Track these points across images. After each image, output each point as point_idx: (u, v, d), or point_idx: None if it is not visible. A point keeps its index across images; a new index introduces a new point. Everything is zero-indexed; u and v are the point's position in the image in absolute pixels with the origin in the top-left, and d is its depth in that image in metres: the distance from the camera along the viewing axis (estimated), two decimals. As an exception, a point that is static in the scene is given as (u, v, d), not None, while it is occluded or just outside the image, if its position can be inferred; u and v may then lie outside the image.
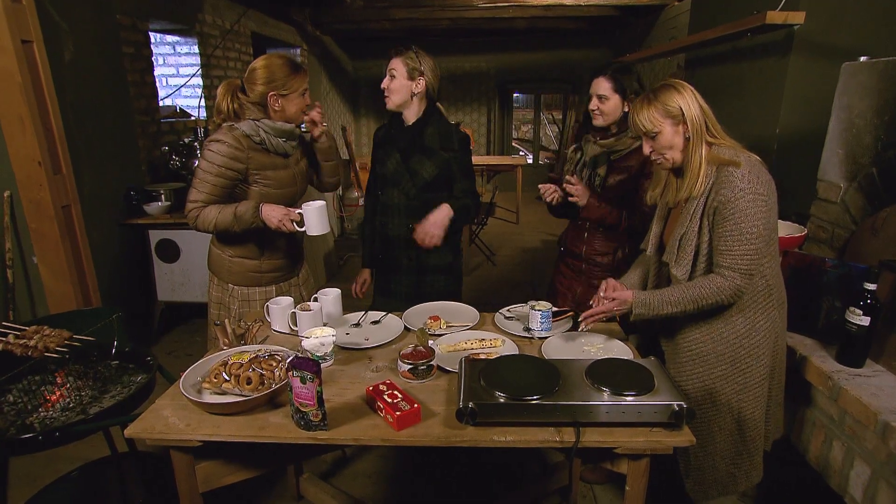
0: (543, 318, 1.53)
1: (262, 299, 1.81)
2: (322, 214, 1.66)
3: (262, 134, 1.65)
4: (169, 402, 1.23)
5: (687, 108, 1.28)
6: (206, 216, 1.64)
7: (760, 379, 1.38)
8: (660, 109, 1.30)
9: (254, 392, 1.21)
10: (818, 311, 1.60)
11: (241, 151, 1.63)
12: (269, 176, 1.70)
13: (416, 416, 1.14)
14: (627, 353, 1.42)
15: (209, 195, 1.64)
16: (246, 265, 1.79)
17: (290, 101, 1.66)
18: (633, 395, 1.11)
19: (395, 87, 1.79)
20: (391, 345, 1.51)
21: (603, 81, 1.73)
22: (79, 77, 2.63)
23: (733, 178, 1.25)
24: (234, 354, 1.30)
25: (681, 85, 1.31)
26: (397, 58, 1.78)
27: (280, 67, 1.62)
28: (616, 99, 1.73)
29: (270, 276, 1.83)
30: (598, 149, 1.82)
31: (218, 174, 1.63)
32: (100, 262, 2.74)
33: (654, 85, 1.40)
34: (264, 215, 1.63)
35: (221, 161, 1.62)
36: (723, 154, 1.29)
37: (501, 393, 1.12)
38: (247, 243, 1.77)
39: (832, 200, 1.76)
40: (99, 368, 1.67)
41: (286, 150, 1.71)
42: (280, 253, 1.82)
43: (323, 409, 1.11)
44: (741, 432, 1.41)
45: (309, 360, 1.09)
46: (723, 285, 1.28)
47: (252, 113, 1.66)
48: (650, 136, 1.34)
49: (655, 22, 5.30)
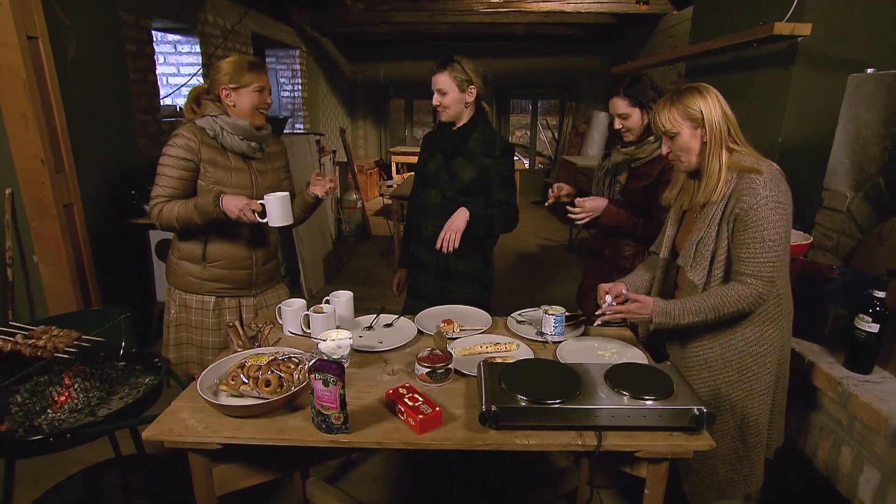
0: (557, 322, 1.54)
1: (198, 307, 1.79)
2: (284, 204, 1.63)
3: (217, 129, 1.66)
4: (185, 405, 1.22)
5: (708, 112, 1.29)
6: (169, 211, 1.63)
7: (766, 386, 1.40)
8: (681, 111, 1.31)
9: (272, 395, 1.20)
10: (825, 318, 1.62)
11: (193, 143, 1.65)
12: (216, 174, 1.67)
13: (438, 419, 1.14)
14: (642, 358, 1.43)
15: (170, 188, 1.65)
16: (187, 268, 1.77)
17: (241, 95, 1.65)
18: (654, 400, 1.12)
19: (448, 102, 1.80)
20: (405, 348, 1.51)
21: (619, 101, 1.77)
22: (82, 74, 2.60)
23: (756, 185, 1.26)
24: (252, 356, 1.29)
25: (705, 89, 1.32)
26: (442, 73, 1.77)
27: (232, 63, 1.65)
28: (636, 113, 1.77)
29: (212, 286, 1.78)
30: (620, 156, 1.86)
31: (174, 166, 1.64)
32: (99, 261, 2.71)
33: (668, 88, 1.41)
34: (224, 206, 1.59)
35: (176, 153, 1.63)
36: (744, 161, 1.30)
37: (523, 396, 1.12)
38: (191, 245, 1.75)
39: (838, 209, 1.79)
40: (106, 369, 1.65)
41: (244, 150, 1.70)
42: (225, 263, 1.77)
43: (345, 412, 1.11)
44: (743, 438, 1.42)
45: (332, 363, 1.09)
46: (744, 293, 1.29)
47: (212, 110, 1.68)
48: (669, 136, 1.35)
49: (653, 30, 5.37)
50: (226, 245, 1.76)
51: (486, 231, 1.86)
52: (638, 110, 1.76)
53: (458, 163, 1.84)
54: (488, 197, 1.87)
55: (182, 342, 1.86)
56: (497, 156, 1.84)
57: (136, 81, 3.12)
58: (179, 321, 1.83)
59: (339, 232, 5.82)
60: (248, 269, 1.81)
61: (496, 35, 7.19)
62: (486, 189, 1.86)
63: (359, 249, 5.60)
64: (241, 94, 1.66)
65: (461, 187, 1.84)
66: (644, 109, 1.76)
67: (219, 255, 1.76)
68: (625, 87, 1.76)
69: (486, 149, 1.83)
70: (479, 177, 1.83)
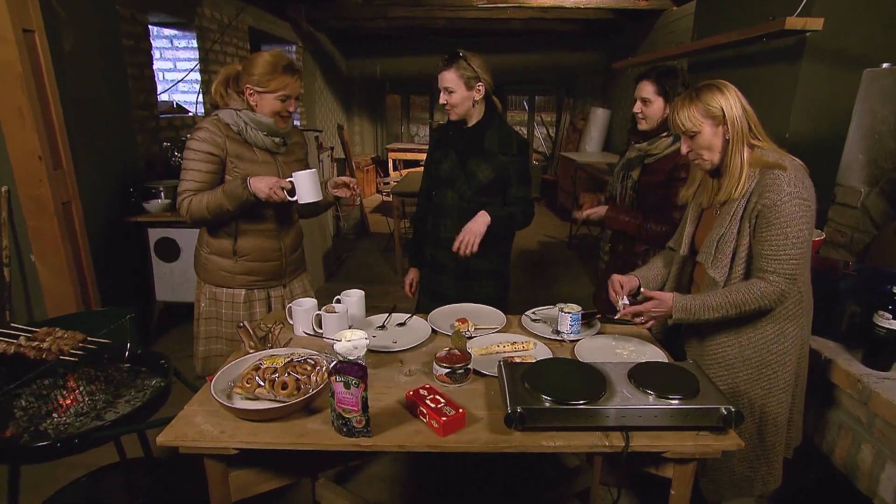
0: (573, 320, 1.52)
1: (228, 300, 1.78)
2: (314, 181, 1.61)
3: (240, 124, 1.63)
4: (199, 408, 1.19)
5: (729, 108, 1.27)
6: (199, 202, 1.62)
7: (785, 385, 1.39)
8: (700, 109, 1.29)
9: (290, 398, 1.17)
10: (840, 315, 1.61)
11: (219, 137, 1.62)
12: (243, 168, 1.66)
13: (461, 421, 1.12)
14: (661, 356, 1.42)
15: (196, 182, 1.63)
16: (218, 263, 1.76)
17: (264, 99, 1.61)
18: (680, 399, 1.10)
19: (456, 101, 1.75)
20: (421, 347, 1.48)
21: (647, 84, 1.73)
22: (79, 69, 2.54)
23: (779, 181, 1.24)
24: (267, 358, 1.26)
25: (724, 85, 1.30)
26: (449, 71, 1.71)
27: (264, 64, 1.58)
28: (660, 103, 1.73)
29: (243, 280, 1.77)
30: (634, 152, 1.83)
31: (200, 160, 1.62)
32: (98, 260, 2.66)
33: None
34: (253, 187, 1.58)
35: (201, 146, 1.61)
36: (767, 157, 1.29)
37: (547, 397, 1.10)
38: (222, 241, 1.73)
39: (851, 205, 1.78)
40: (111, 372, 1.61)
41: (267, 145, 1.68)
42: (257, 255, 1.76)
43: (367, 414, 1.08)
44: (761, 437, 1.41)
45: (354, 365, 1.06)
46: (767, 290, 1.27)
47: (235, 103, 1.64)
48: (689, 135, 1.33)
49: (653, 26, 5.36)
50: (256, 238, 1.75)
51: (506, 231, 1.84)
52: (662, 100, 1.73)
53: (475, 163, 1.80)
54: (505, 194, 1.84)
55: (212, 335, 1.85)
56: (515, 153, 1.81)
57: (133, 77, 3.06)
58: (209, 314, 1.81)
59: (337, 229, 5.77)
60: (278, 260, 1.81)
61: (493, 31, 7.15)
62: (503, 187, 1.83)
63: (358, 247, 5.56)
64: (263, 98, 1.62)
65: (478, 188, 1.80)
66: (668, 103, 1.73)
67: (249, 249, 1.74)
68: (658, 74, 1.72)
69: (502, 147, 1.80)
70: (497, 176, 1.80)
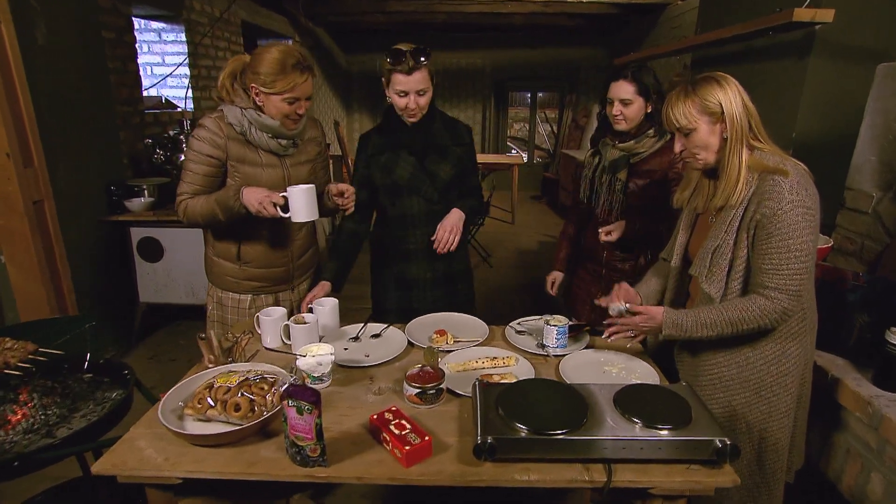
0: (560, 334, 1.41)
1: (234, 305, 1.68)
2: (309, 197, 1.46)
3: (244, 124, 1.50)
4: (145, 431, 1.09)
5: (728, 105, 1.16)
6: (193, 207, 1.52)
7: (787, 408, 1.27)
8: (697, 104, 1.17)
9: (243, 420, 1.07)
10: (849, 329, 1.50)
11: (219, 138, 1.50)
12: (245, 172, 1.54)
13: (427, 450, 1.02)
14: (653, 374, 1.31)
15: (194, 185, 1.53)
16: (224, 267, 1.66)
17: (270, 101, 1.47)
18: (670, 429, 0.99)
19: (426, 103, 1.58)
20: (394, 362, 1.38)
21: (625, 84, 1.62)
22: (53, 62, 2.45)
23: (780, 188, 1.12)
24: (221, 376, 1.16)
25: (724, 79, 1.18)
26: (421, 71, 1.51)
27: (271, 61, 1.42)
28: (639, 102, 1.63)
29: (249, 285, 1.67)
30: (617, 152, 1.72)
31: (199, 161, 1.51)
32: (76, 261, 2.57)
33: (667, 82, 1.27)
34: (244, 199, 1.46)
35: (200, 147, 1.50)
36: (767, 160, 1.17)
37: (523, 426, 0.99)
38: (226, 244, 1.63)
39: (863, 210, 1.66)
40: (69, 383, 1.52)
41: (272, 147, 1.54)
42: (262, 262, 1.65)
43: (322, 442, 0.98)
44: (761, 463, 1.30)
45: (307, 389, 0.96)
46: (767, 308, 1.16)
47: (242, 100, 1.51)
48: (684, 132, 1.21)
49: (657, 21, 5.21)
50: (260, 243, 1.63)
51: (473, 222, 1.74)
52: (642, 100, 1.63)
53: (433, 161, 1.66)
54: (460, 187, 1.74)
55: None
56: (467, 141, 1.72)
57: (115, 71, 2.96)
58: (217, 318, 1.72)
59: (332, 227, 5.67)
60: (285, 266, 1.70)
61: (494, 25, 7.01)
62: (460, 181, 1.72)
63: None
64: (270, 100, 1.46)
65: (444, 187, 1.68)
66: (647, 101, 1.63)
67: (253, 255, 1.63)
68: (633, 72, 1.62)
69: (453, 137, 1.69)
70: (456, 170, 1.69)
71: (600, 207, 1.79)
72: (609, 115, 1.69)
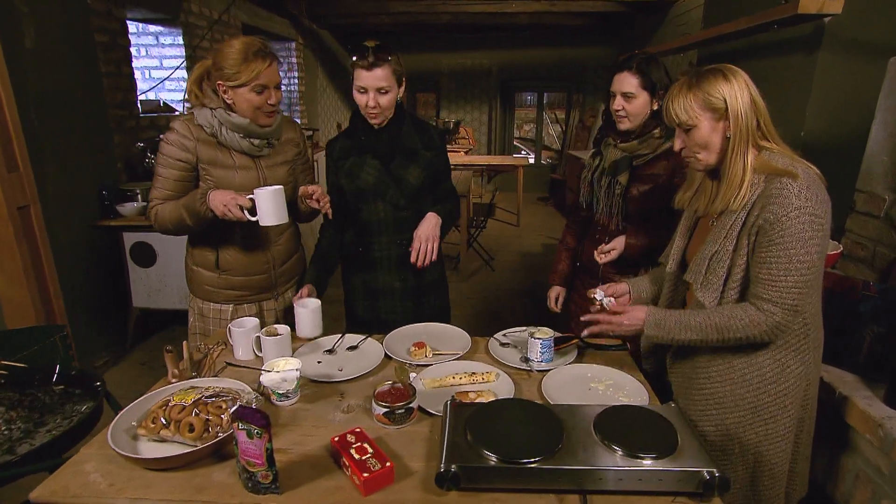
0: (544, 347, 1.33)
1: (215, 317, 1.63)
2: (277, 199, 1.39)
3: (214, 125, 1.44)
4: (95, 452, 1.03)
5: (733, 100, 1.06)
6: (163, 214, 1.48)
7: (786, 431, 1.17)
8: (700, 99, 1.08)
9: (197, 441, 1.01)
10: (859, 343, 1.39)
11: (189, 141, 1.45)
12: (217, 175, 1.48)
13: (389, 476, 0.94)
14: (642, 392, 1.22)
15: (164, 191, 1.48)
16: (203, 276, 1.60)
17: (238, 94, 1.41)
18: (653, 458, 0.90)
19: (388, 102, 1.49)
20: (368, 377, 1.31)
21: (628, 77, 1.49)
22: (42, 66, 2.42)
23: (787, 192, 1.02)
24: (178, 393, 1.10)
25: (732, 72, 1.08)
26: (382, 68, 1.43)
27: (231, 53, 1.38)
28: (644, 97, 1.50)
29: (229, 294, 1.61)
30: (618, 153, 1.59)
31: (168, 166, 1.46)
32: (67, 266, 2.54)
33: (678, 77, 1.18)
34: (211, 202, 1.39)
35: (170, 152, 1.45)
36: (775, 161, 1.07)
37: (491, 453, 0.91)
38: (204, 252, 1.58)
39: (874, 214, 1.55)
40: (39, 395, 1.48)
41: (245, 148, 1.48)
42: (241, 270, 1.59)
43: (274, 469, 0.91)
44: (755, 488, 1.20)
45: (256, 411, 0.89)
46: (757, 319, 1.07)
47: (211, 100, 1.45)
48: (684, 129, 1.12)
49: (664, 19, 5.09)
50: (238, 250, 1.57)
51: (447, 229, 1.64)
52: (646, 94, 1.50)
53: (399, 165, 1.58)
54: (435, 192, 1.67)
55: None
56: (438, 145, 1.64)
57: (109, 74, 2.94)
58: (198, 330, 1.67)
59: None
60: (266, 274, 1.63)
61: (499, 26, 6.93)
62: (433, 186, 1.65)
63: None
64: (238, 93, 1.41)
65: (412, 192, 1.60)
66: (653, 97, 1.51)
67: (232, 263, 1.58)
68: (639, 63, 1.49)
69: (424, 142, 1.61)
70: (428, 175, 1.61)
71: (599, 213, 1.68)
72: (611, 111, 1.57)
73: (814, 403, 1.22)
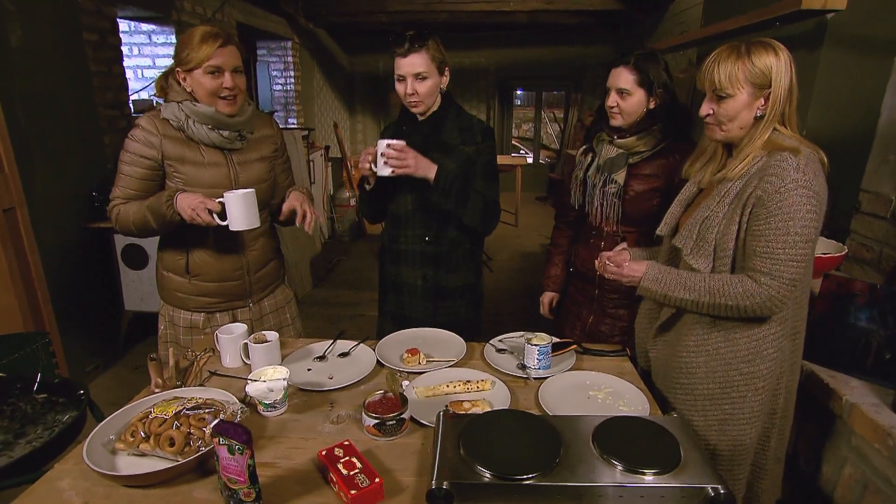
0: (541, 354, 1.29)
1: (186, 325, 1.55)
2: (249, 203, 1.34)
3: (181, 118, 1.38)
4: (72, 468, 0.99)
5: (777, 79, 1.04)
6: (125, 214, 1.40)
7: (751, 415, 1.16)
8: (747, 68, 1.04)
9: (177, 456, 0.96)
10: (866, 348, 1.35)
11: (154, 137, 1.39)
12: (186, 172, 1.42)
13: (378, 493, 0.90)
14: (643, 400, 1.18)
15: (127, 189, 1.41)
16: (173, 282, 1.52)
17: (194, 79, 1.36)
18: (655, 474, 0.86)
19: (427, 90, 1.47)
20: (359, 385, 1.26)
21: (624, 73, 1.44)
22: (29, 65, 2.37)
23: (786, 164, 1.01)
24: (159, 405, 1.05)
25: (780, 48, 1.05)
26: (419, 53, 1.44)
27: (187, 37, 1.35)
28: (640, 94, 1.45)
29: (201, 301, 1.53)
30: (614, 150, 1.52)
31: (131, 162, 1.40)
32: (56, 269, 2.50)
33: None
34: (178, 205, 1.33)
35: (134, 148, 1.39)
36: (782, 141, 1.06)
37: (485, 469, 0.87)
38: (173, 256, 1.51)
39: (880, 215, 1.51)
40: (20, 405, 1.43)
41: (215, 141, 1.42)
42: (213, 275, 1.51)
43: (256, 486, 0.87)
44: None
45: (237, 426, 0.85)
46: (752, 290, 1.05)
47: (177, 94, 1.40)
48: (718, 96, 1.09)
49: (662, 17, 5.05)
50: (210, 254, 1.49)
51: (457, 202, 1.49)
52: (643, 92, 1.44)
53: (434, 159, 1.53)
54: None
55: None
56: (479, 141, 1.57)
57: (99, 74, 2.89)
58: (168, 339, 1.59)
59: (332, 231, 5.58)
60: (240, 280, 1.55)
61: (497, 24, 6.88)
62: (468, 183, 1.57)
63: (351, 250, 5.37)
64: (193, 78, 1.36)
65: None
66: (650, 95, 1.46)
67: (203, 268, 1.50)
68: (637, 59, 1.44)
69: (464, 137, 1.56)
70: (462, 170, 1.54)
71: (593, 215, 1.61)
72: (606, 107, 1.51)
73: (789, 399, 1.20)
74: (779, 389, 1.18)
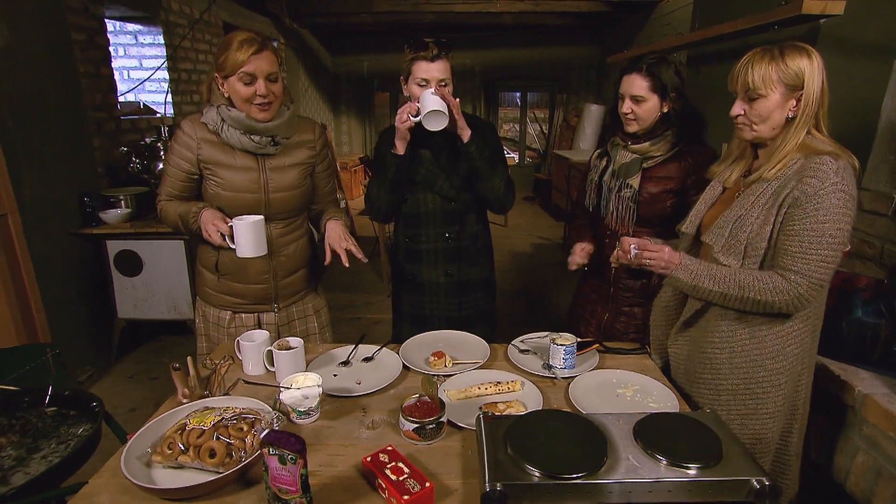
0: (567, 354, 1.31)
1: (214, 322, 1.58)
2: (256, 232, 1.36)
3: (217, 122, 1.41)
4: (108, 481, 0.96)
5: (810, 80, 1.07)
6: (165, 213, 1.49)
7: (775, 410, 1.20)
8: (780, 70, 1.08)
9: (219, 468, 0.95)
10: (874, 341, 1.41)
11: (191, 140, 1.43)
12: (222, 174, 1.45)
13: (429, 497, 0.90)
14: (671, 397, 1.20)
15: (169, 189, 1.49)
16: (205, 278, 1.57)
17: (230, 86, 1.37)
18: (699, 468, 0.88)
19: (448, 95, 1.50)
20: (388, 389, 1.26)
21: (638, 79, 1.47)
22: (15, 66, 2.29)
23: (826, 167, 1.04)
24: (194, 415, 1.03)
25: (812, 52, 1.09)
26: (444, 60, 1.49)
27: (226, 41, 1.35)
28: (654, 100, 1.48)
29: (227, 300, 1.56)
30: (629, 155, 1.56)
31: (171, 164, 1.46)
32: (47, 278, 2.41)
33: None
34: (201, 220, 1.40)
35: (173, 150, 1.45)
36: (819, 145, 1.10)
37: (535, 469, 0.88)
38: (207, 253, 1.54)
39: (881, 212, 1.58)
40: (31, 419, 1.38)
41: (246, 146, 1.43)
42: (240, 276, 1.53)
43: (308, 495, 0.86)
44: None
45: (290, 436, 0.84)
46: (781, 287, 1.08)
47: (218, 98, 1.42)
48: (751, 96, 1.11)
49: (648, 18, 5.14)
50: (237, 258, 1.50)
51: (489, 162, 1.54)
52: (657, 98, 1.48)
53: (449, 158, 1.59)
54: None
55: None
56: (487, 137, 1.61)
57: (87, 75, 2.81)
58: (202, 332, 1.63)
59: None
60: (265, 284, 1.55)
61: (483, 25, 6.91)
62: None
63: (343, 252, 5.32)
64: (229, 85, 1.37)
65: (461, 184, 1.61)
66: (664, 100, 1.49)
67: (231, 268, 1.52)
68: (649, 65, 1.47)
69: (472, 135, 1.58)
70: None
71: (609, 217, 1.64)
72: (621, 114, 1.54)
73: (807, 395, 1.24)
74: (799, 385, 1.21)
